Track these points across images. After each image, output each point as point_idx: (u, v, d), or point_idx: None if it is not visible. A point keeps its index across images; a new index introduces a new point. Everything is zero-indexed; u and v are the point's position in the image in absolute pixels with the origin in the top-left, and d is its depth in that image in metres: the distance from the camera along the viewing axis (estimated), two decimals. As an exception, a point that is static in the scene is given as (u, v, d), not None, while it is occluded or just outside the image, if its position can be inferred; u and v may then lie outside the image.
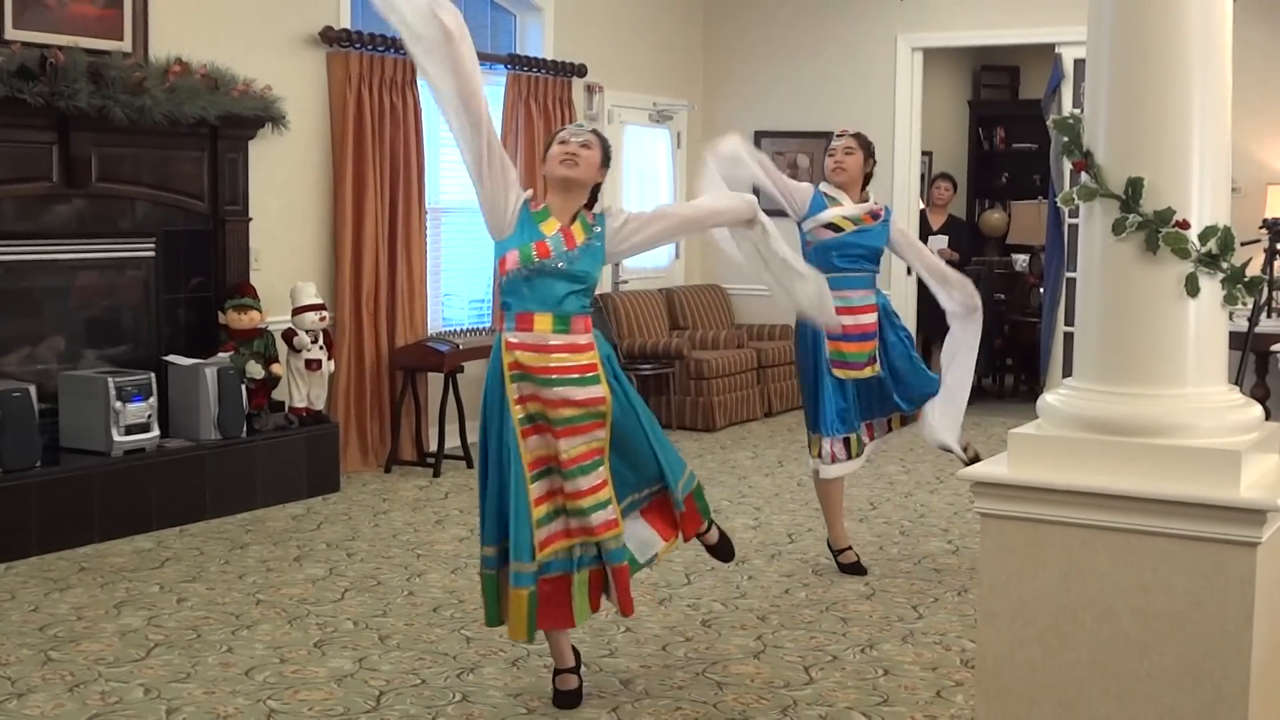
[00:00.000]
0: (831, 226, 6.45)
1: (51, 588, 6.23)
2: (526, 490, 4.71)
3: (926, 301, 11.70)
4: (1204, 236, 3.51)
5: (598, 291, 10.77)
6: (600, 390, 4.77)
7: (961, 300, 6.77)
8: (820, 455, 6.50)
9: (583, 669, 5.05)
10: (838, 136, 6.62)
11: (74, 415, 7.20)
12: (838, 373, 6.47)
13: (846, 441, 6.51)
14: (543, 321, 4.75)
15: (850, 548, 6.73)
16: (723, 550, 5.35)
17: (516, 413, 4.72)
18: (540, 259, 4.76)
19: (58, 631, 5.62)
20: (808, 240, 6.51)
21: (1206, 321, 3.55)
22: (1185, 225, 3.49)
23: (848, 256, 6.50)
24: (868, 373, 6.55)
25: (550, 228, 4.83)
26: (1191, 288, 3.51)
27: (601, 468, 4.80)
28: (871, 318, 6.60)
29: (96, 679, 5.07)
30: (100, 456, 7.12)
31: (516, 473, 4.71)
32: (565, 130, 4.98)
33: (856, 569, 6.64)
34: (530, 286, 4.76)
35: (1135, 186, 3.51)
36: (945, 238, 11.89)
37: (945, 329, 11.98)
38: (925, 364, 7.02)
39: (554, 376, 4.72)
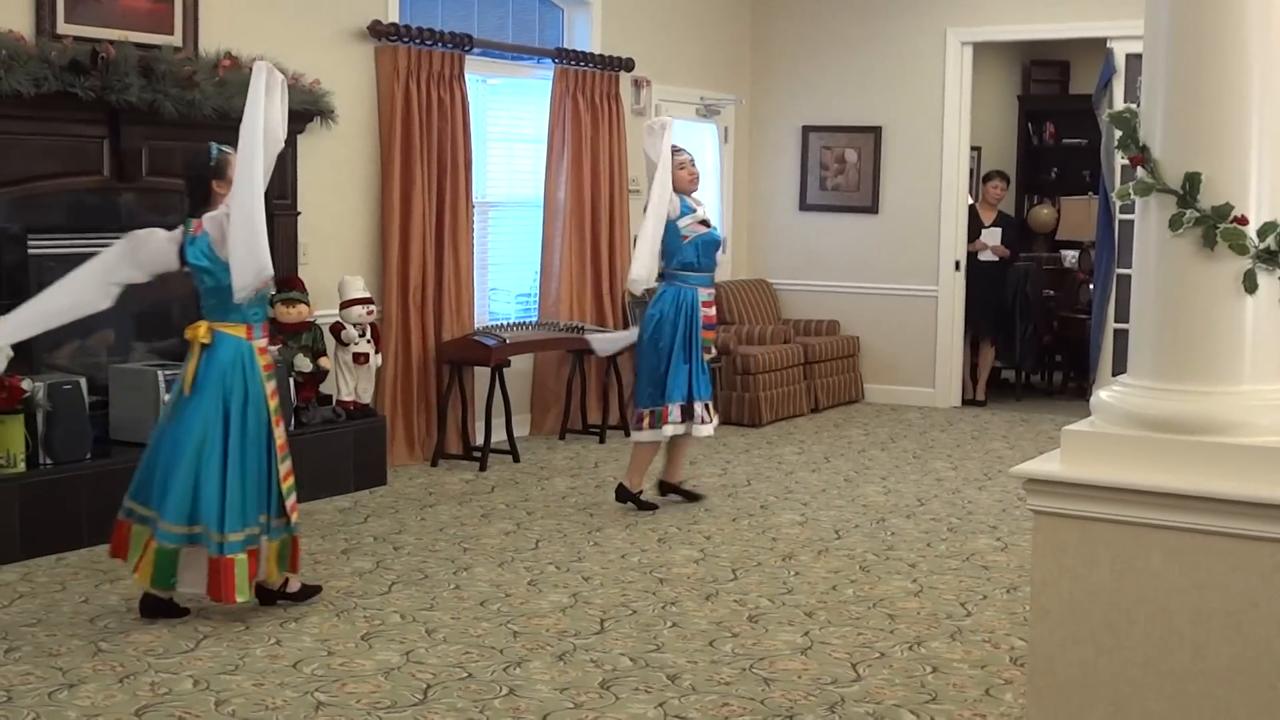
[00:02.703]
0: (703, 223, 7.74)
1: (102, 579, 6.27)
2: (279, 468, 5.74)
3: (974, 298, 11.69)
4: (1262, 233, 3.46)
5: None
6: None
7: None
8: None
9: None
10: (679, 151, 7.73)
11: (124, 408, 7.24)
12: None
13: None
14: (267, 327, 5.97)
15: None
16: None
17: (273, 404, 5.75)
18: None
19: (108, 623, 5.65)
20: (684, 235, 7.62)
21: (1264, 318, 3.50)
22: (1243, 221, 3.45)
23: (713, 250, 7.79)
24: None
25: None
26: (1249, 284, 3.46)
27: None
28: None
29: (146, 670, 5.10)
30: (150, 449, 7.15)
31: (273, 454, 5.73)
32: None
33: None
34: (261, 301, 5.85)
35: (1193, 182, 3.46)
36: (999, 230, 11.84)
37: (993, 325, 12.00)
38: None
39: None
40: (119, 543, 5.73)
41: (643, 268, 7.50)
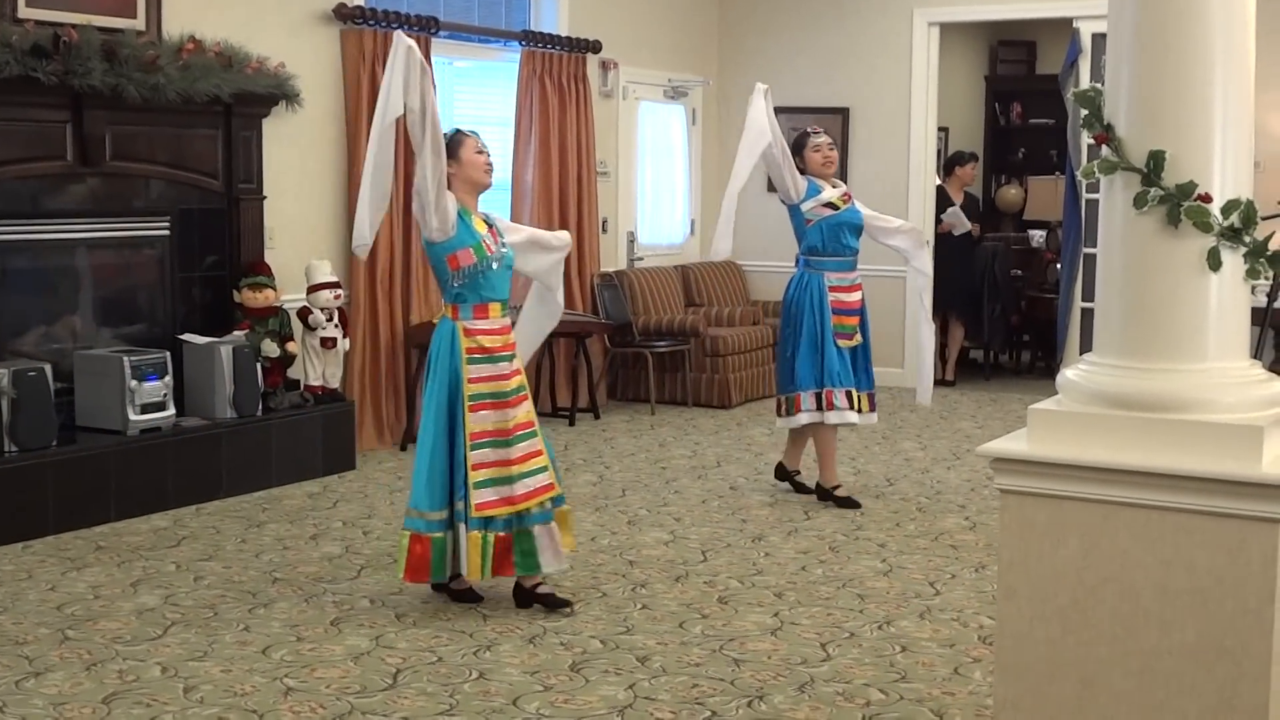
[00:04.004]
0: (829, 205, 7.48)
1: (69, 567, 6.24)
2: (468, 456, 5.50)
3: (942, 278, 11.71)
4: (1226, 210, 3.46)
5: (613, 269, 10.86)
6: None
7: (912, 240, 7.89)
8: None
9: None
10: (817, 133, 7.61)
11: (90, 394, 7.20)
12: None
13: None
14: (495, 309, 5.62)
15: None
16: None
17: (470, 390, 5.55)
18: (489, 255, 5.58)
19: (75, 610, 5.63)
20: (808, 219, 7.49)
21: (1228, 296, 3.51)
22: (1207, 199, 3.45)
23: (847, 234, 7.55)
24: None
25: (481, 227, 5.62)
26: (1213, 262, 3.46)
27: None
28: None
29: (114, 658, 5.08)
30: (116, 435, 7.13)
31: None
32: (479, 140, 5.70)
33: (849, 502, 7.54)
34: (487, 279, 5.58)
35: (1157, 160, 3.47)
36: (956, 209, 11.87)
37: (962, 305, 12.03)
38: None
39: (508, 353, 5.65)
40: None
41: (717, 239, 7.48)
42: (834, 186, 7.56)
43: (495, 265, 5.59)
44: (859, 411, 7.48)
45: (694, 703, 4.72)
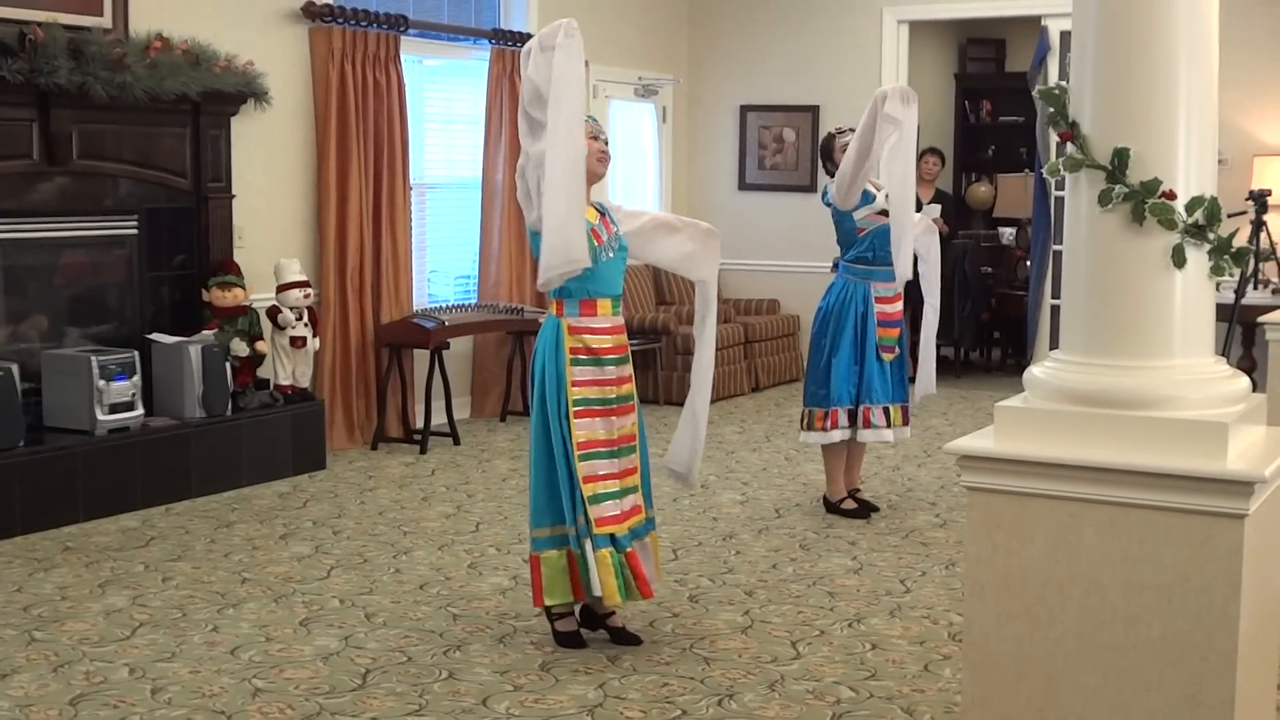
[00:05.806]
0: (883, 214, 7.12)
1: (36, 567, 6.20)
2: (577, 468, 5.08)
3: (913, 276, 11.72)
4: (1190, 207, 3.48)
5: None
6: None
7: (921, 231, 7.62)
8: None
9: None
10: (843, 133, 7.40)
11: (57, 394, 7.16)
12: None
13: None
14: (605, 305, 5.17)
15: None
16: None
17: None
18: (599, 245, 5.14)
19: (42, 611, 5.59)
20: (860, 228, 7.17)
21: (1193, 293, 3.52)
22: (1172, 196, 3.46)
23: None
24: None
25: (592, 216, 5.19)
26: (1178, 259, 3.48)
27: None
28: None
29: (81, 659, 5.05)
30: (84, 435, 7.09)
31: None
32: (594, 125, 5.33)
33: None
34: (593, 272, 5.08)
35: (1121, 157, 3.47)
36: (938, 206, 11.86)
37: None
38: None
39: (617, 356, 5.20)
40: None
41: (907, 263, 6.98)
42: (877, 190, 7.20)
43: (606, 256, 5.15)
44: (893, 426, 7.18)
45: (664, 701, 4.72)
